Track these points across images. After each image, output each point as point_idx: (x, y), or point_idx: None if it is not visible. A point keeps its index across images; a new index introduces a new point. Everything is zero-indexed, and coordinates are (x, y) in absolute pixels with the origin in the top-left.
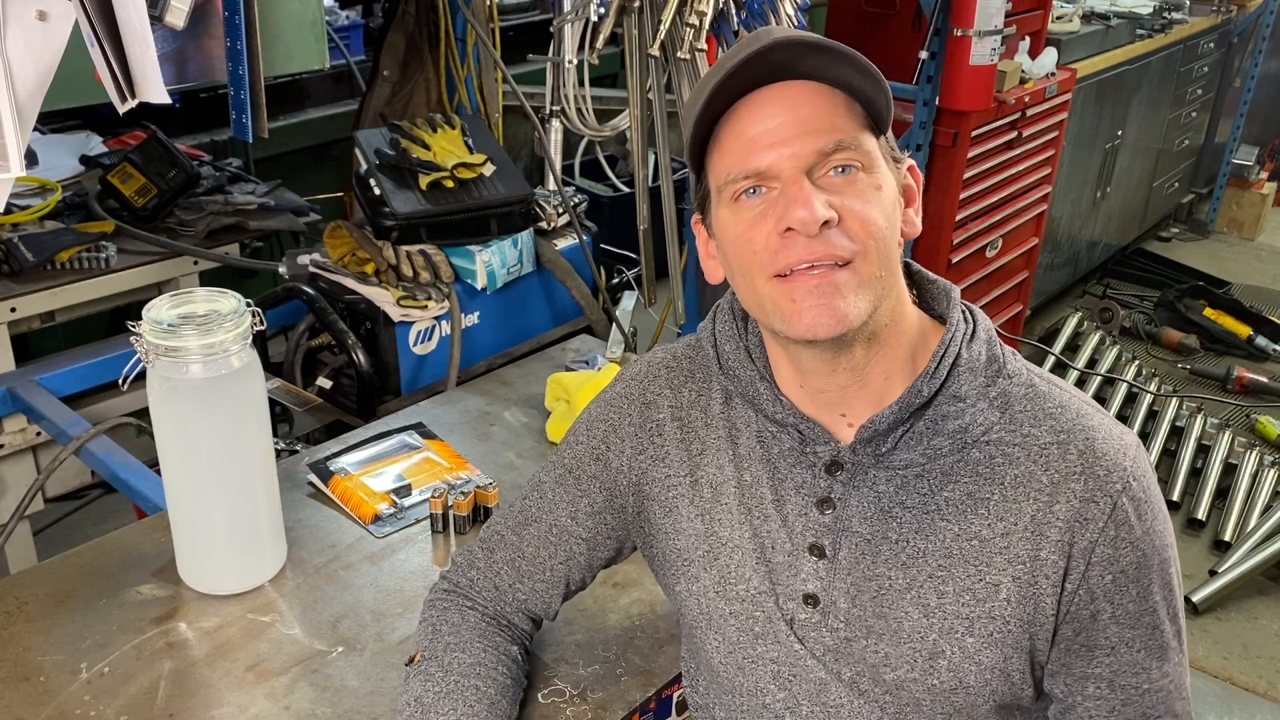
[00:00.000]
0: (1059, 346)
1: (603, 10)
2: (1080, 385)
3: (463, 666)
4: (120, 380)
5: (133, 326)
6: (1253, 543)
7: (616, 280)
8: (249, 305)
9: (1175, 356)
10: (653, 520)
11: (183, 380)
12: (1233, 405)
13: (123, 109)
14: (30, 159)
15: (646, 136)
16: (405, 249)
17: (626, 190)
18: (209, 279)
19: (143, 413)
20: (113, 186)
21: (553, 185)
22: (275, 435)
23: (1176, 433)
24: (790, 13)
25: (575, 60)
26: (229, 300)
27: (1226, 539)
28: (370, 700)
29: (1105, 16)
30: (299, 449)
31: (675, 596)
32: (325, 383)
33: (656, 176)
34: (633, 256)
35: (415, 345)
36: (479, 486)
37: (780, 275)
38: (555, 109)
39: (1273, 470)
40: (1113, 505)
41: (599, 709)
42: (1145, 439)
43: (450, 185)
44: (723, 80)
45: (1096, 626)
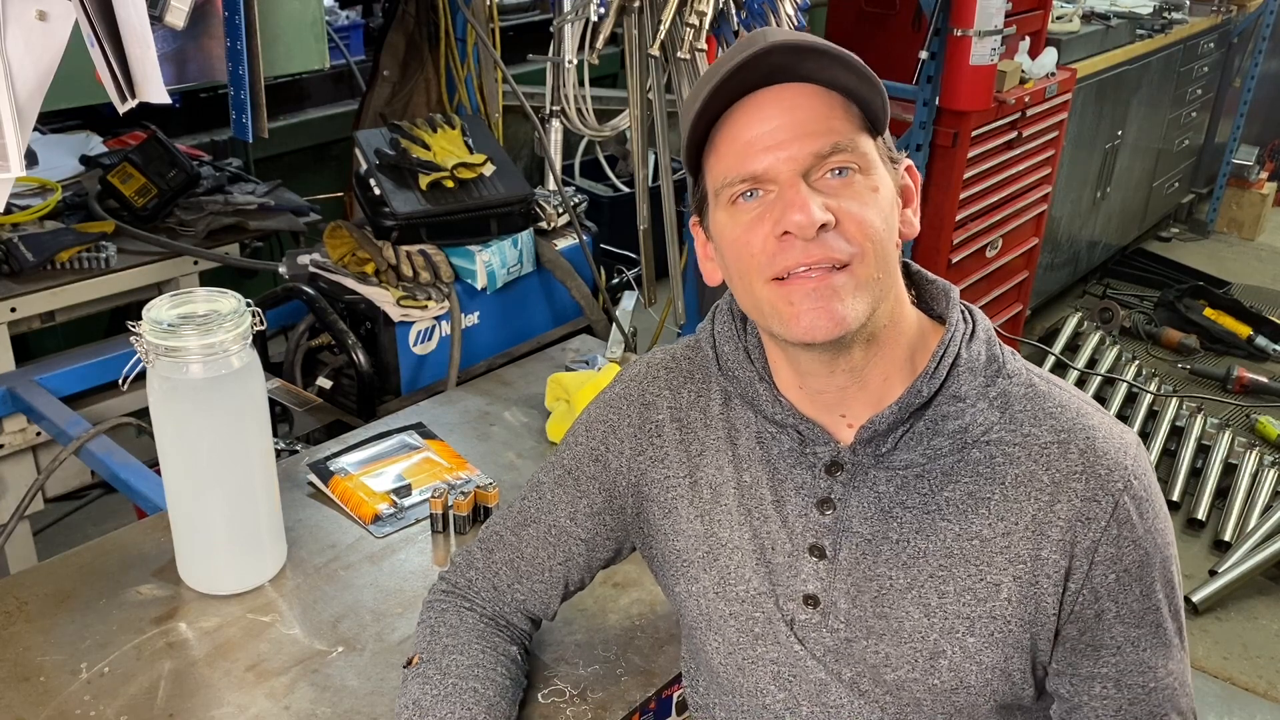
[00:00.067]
0: (1059, 346)
1: (603, 10)
2: (1080, 385)
3: (461, 668)
4: (120, 380)
5: (133, 326)
6: (1253, 543)
7: (616, 280)
8: (249, 305)
9: (1175, 356)
10: (652, 521)
11: (183, 380)
12: (1233, 405)
13: (123, 109)
14: (30, 159)
15: (646, 136)
16: (405, 249)
17: (626, 190)
18: (209, 279)
19: (143, 413)
20: (113, 186)
21: (553, 185)
22: (275, 435)
23: (1176, 433)
24: (790, 13)
25: (575, 60)
26: (229, 300)
27: (1226, 539)
28: (370, 700)
29: (1105, 16)
30: (299, 449)
31: (675, 597)
32: (325, 383)
33: (656, 176)
34: (633, 256)
35: (415, 345)
36: (479, 486)
37: (778, 278)
38: (555, 109)
39: (1273, 470)
40: (1115, 504)
41: (599, 709)
42: (1145, 439)
43: (450, 185)
44: (719, 83)
45: (1101, 626)
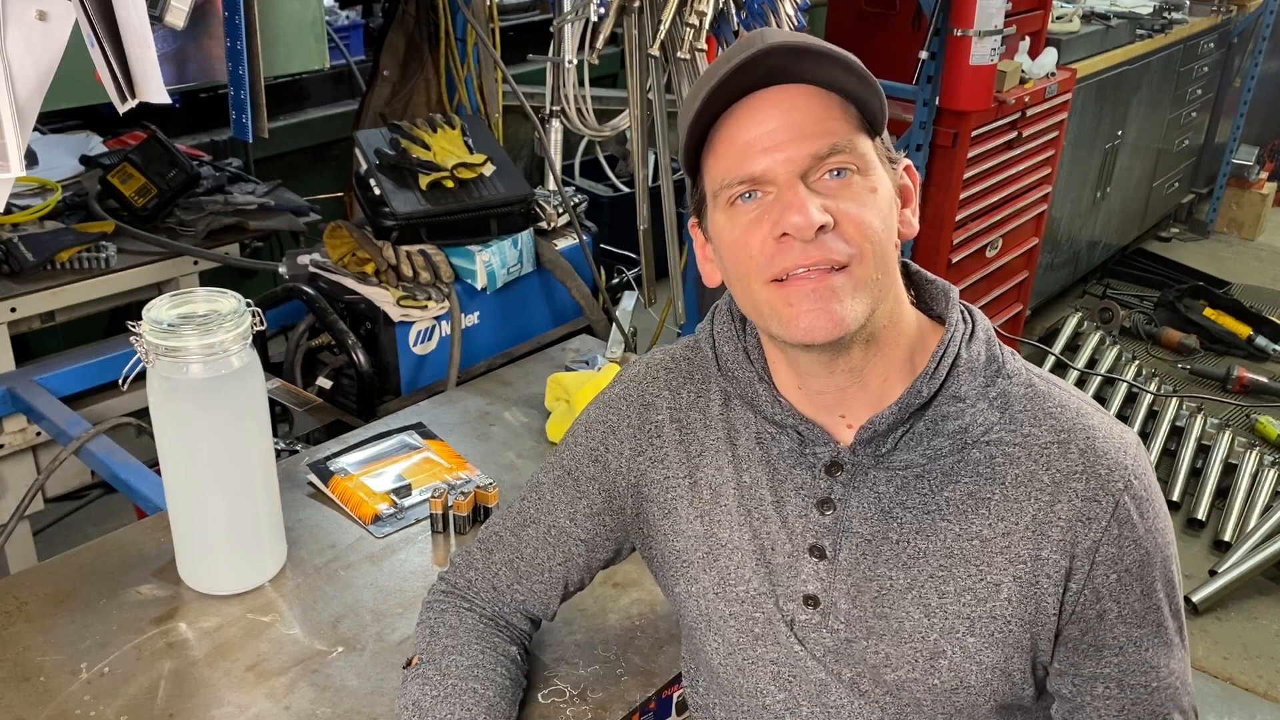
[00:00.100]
0: (1059, 346)
1: (603, 10)
2: (1080, 385)
3: (460, 669)
4: (120, 380)
5: (133, 326)
6: (1253, 543)
7: (616, 280)
8: (249, 305)
9: (1175, 356)
10: (651, 522)
11: (183, 380)
12: (1233, 405)
13: (123, 109)
14: (30, 159)
15: (646, 136)
16: (405, 249)
17: (626, 190)
18: (209, 279)
19: (143, 413)
20: (113, 186)
21: (553, 185)
22: (275, 435)
23: (1176, 433)
24: (790, 13)
25: (575, 60)
26: (229, 300)
27: (1226, 539)
28: (370, 700)
29: (1105, 16)
30: (299, 449)
31: (675, 598)
32: (325, 383)
33: (656, 176)
34: (633, 256)
35: (415, 345)
36: (479, 486)
37: (777, 280)
38: (555, 109)
39: (1273, 470)
40: (1115, 504)
41: (599, 709)
42: (1145, 439)
43: (450, 185)
44: (717, 85)
45: (1103, 626)
